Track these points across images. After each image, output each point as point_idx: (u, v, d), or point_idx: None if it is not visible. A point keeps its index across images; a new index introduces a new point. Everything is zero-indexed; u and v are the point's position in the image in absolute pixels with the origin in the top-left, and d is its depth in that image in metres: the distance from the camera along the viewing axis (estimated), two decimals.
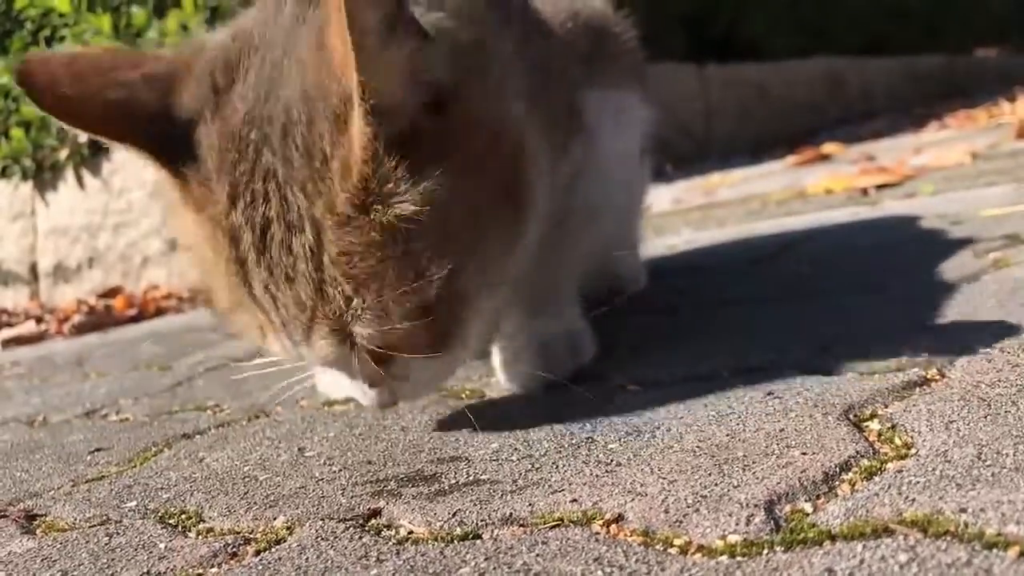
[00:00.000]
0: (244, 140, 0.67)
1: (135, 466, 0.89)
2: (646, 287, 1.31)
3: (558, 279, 0.99)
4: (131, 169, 3.30)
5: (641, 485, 0.59)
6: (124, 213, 3.33)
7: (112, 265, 3.38)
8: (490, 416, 0.82)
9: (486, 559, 0.52)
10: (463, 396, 0.92)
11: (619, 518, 0.55)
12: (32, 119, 3.33)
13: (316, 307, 0.66)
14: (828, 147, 3.58)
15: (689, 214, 2.60)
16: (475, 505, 0.61)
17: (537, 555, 0.52)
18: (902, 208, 1.82)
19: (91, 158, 3.34)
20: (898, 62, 6.04)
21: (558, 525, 0.56)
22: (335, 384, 1.01)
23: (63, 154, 3.33)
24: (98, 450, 0.98)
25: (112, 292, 3.07)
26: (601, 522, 0.55)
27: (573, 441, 0.71)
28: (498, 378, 0.92)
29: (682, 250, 1.75)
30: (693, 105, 4.40)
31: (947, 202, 1.74)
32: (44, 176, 3.41)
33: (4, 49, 3.38)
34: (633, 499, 0.57)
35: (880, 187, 2.29)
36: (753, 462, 0.60)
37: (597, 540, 0.52)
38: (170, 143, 0.70)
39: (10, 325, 2.88)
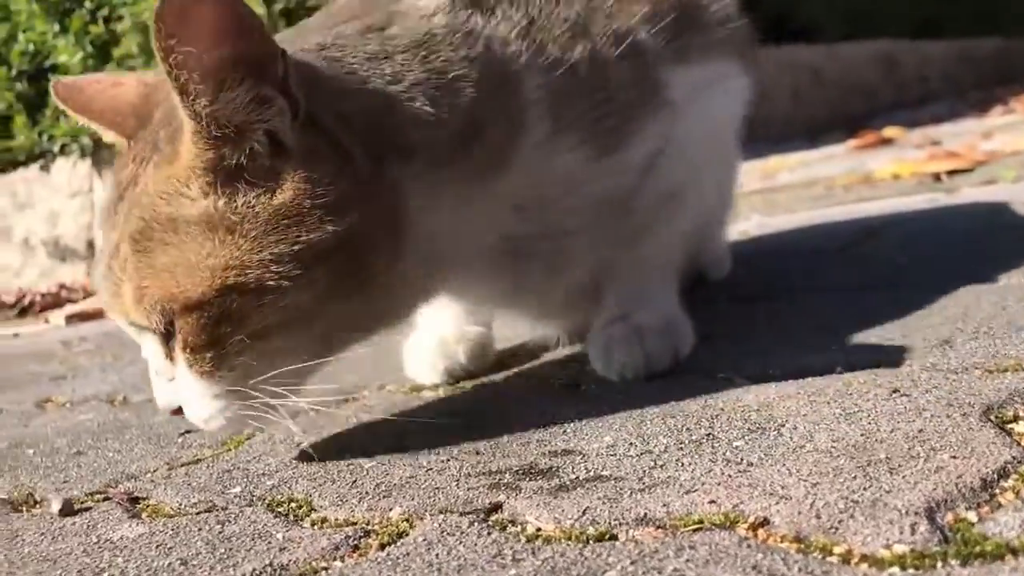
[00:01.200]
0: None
1: (229, 450, 0.88)
2: (730, 274, 1.27)
3: (650, 264, 0.96)
4: None
5: (782, 487, 0.57)
6: None
7: None
8: (592, 407, 0.80)
9: (632, 562, 0.50)
10: (556, 385, 0.90)
11: (765, 522, 0.53)
12: None
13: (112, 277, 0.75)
14: (890, 131, 3.50)
15: (751, 198, 2.54)
16: (604, 503, 0.59)
17: (687, 560, 0.49)
18: (984, 195, 1.76)
19: None
20: (953, 45, 5.89)
21: (700, 528, 0.53)
22: (424, 367, 1.00)
23: None
24: (188, 432, 0.97)
25: None
26: (746, 526, 0.53)
27: (692, 437, 0.69)
28: (593, 367, 0.90)
29: (755, 235, 1.71)
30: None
31: None
32: (102, 154, 3.44)
33: (64, 28, 3.40)
34: (777, 502, 0.55)
35: (951, 173, 2.22)
36: (899, 465, 0.57)
37: (748, 546, 0.50)
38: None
39: (71, 300, 2.91)
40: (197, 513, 0.71)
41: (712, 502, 0.56)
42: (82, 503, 0.78)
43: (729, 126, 1.05)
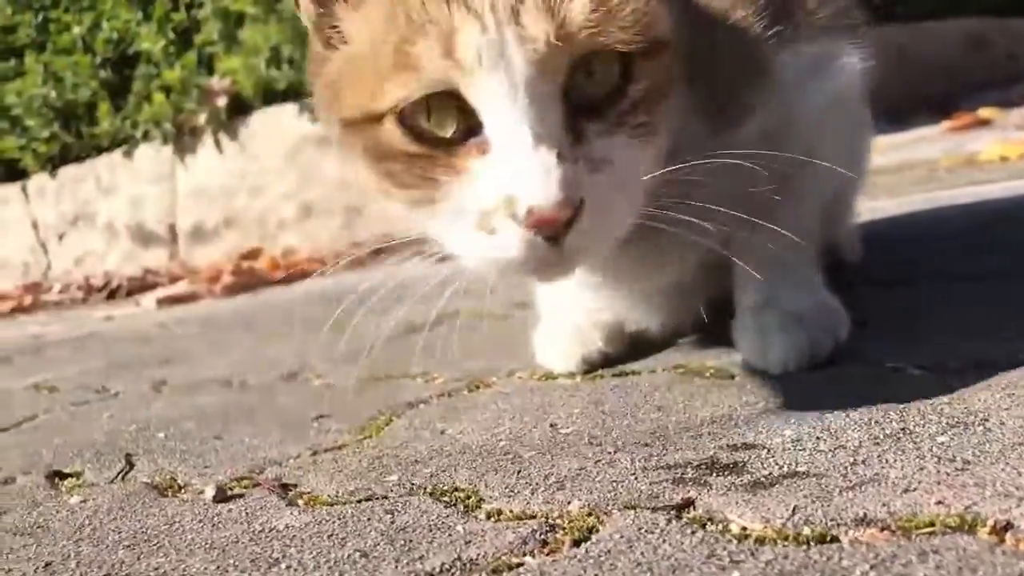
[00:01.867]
0: None
1: (370, 436, 0.87)
2: (860, 259, 1.22)
3: (786, 241, 0.91)
4: (267, 134, 3.34)
5: (1016, 488, 0.52)
6: (260, 176, 3.38)
7: (248, 227, 3.44)
8: (757, 398, 0.76)
9: (871, 567, 0.46)
10: (707, 375, 0.86)
11: (1008, 526, 0.48)
12: (173, 83, 3.39)
13: None
14: (986, 111, 3.36)
15: None
16: (812, 502, 0.55)
17: (937, 567, 0.45)
18: None
19: (229, 122, 3.39)
20: None
21: (934, 532, 0.49)
22: (558, 355, 0.97)
23: (202, 118, 3.39)
24: (320, 417, 0.96)
25: (253, 253, 3.12)
26: (987, 530, 0.49)
27: (886, 431, 0.64)
28: (744, 356, 0.86)
29: (871, 219, 1.64)
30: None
31: None
32: (183, 139, 3.48)
33: (147, 16, 3.45)
34: (1018, 504, 0.50)
35: None
36: None
37: (1003, 553, 0.46)
38: None
39: (157, 284, 2.96)
40: (358, 502, 0.69)
41: (940, 503, 0.52)
42: (231, 489, 0.77)
43: (847, 102, 1.00)
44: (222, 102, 3.34)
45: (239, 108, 3.39)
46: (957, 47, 4.98)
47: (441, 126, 0.62)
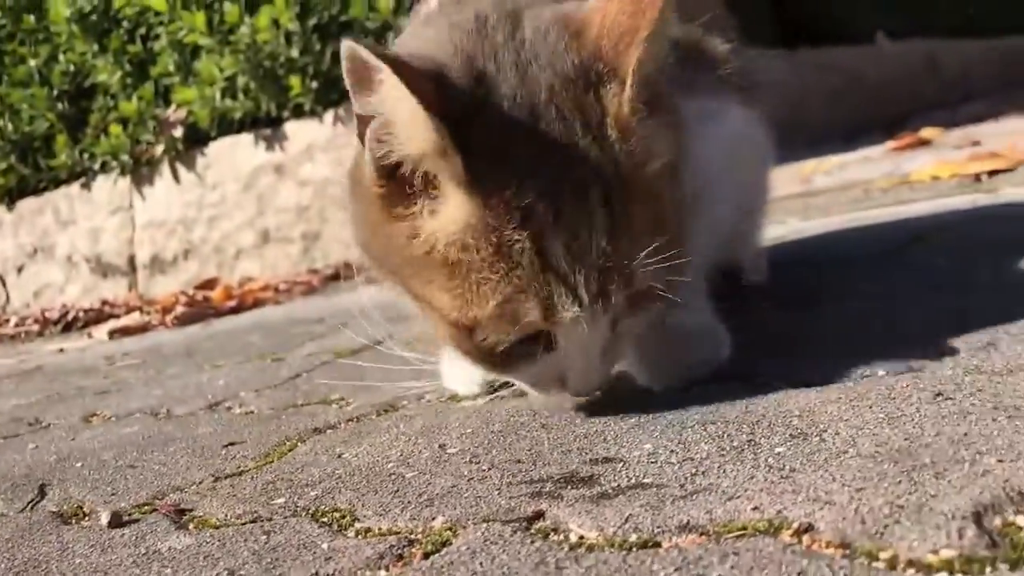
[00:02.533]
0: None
1: (273, 461, 0.90)
2: (770, 280, 1.27)
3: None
4: (224, 163, 3.37)
5: (826, 493, 0.56)
6: (218, 206, 3.41)
7: (207, 257, 3.46)
8: (633, 415, 0.80)
9: (676, 569, 0.50)
10: (597, 393, 0.90)
11: (809, 528, 0.53)
12: (130, 115, 3.42)
13: (610, 257, 0.71)
14: (927, 131, 3.45)
15: (788, 203, 2.53)
16: (646, 511, 0.59)
17: (731, 567, 0.49)
18: None
19: (186, 153, 3.42)
20: (994, 43, 5.80)
21: (743, 535, 0.53)
22: (462, 378, 1.00)
23: (159, 149, 3.41)
24: (231, 444, 0.99)
25: (209, 283, 3.14)
26: (790, 532, 0.53)
27: (734, 444, 0.68)
28: (634, 375, 0.90)
29: (793, 240, 1.70)
30: (785, 91, 4.28)
31: None
32: (141, 171, 3.51)
33: (103, 48, 3.47)
34: (821, 508, 0.54)
35: (992, 173, 2.19)
36: (944, 470, 0.56)
37: (793, 552, 0.50)
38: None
39: (113, 316, 2.97)
40: (242, 524, 0.72)
41: (755, 508, 0.56)
42: (130, 515, 0.80)
43: (741, 146, 1.07)
44: (178, 133, 3.37)
45: (195, 138, 3.42)
46: (911, 69, 5.10)
47: (523, 346, 0.76)
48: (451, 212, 0.73)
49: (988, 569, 0.45)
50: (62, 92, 3.64)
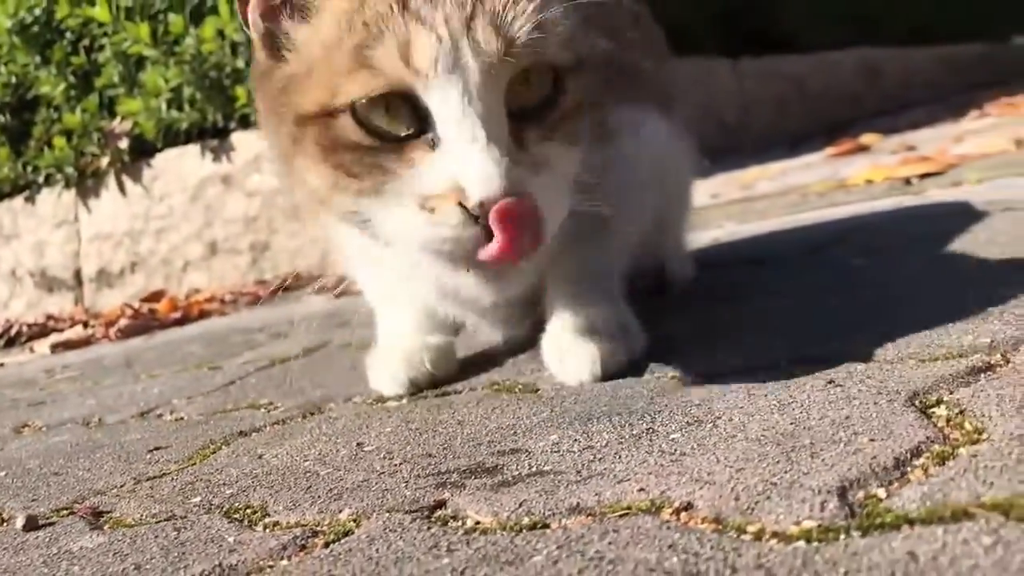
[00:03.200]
0: None
1: (195, 463, 0.90)
2: (696, 279, 1.30)
3: (601, 269, 0.99)
4: (171, 175, 3.35)
5: (708, 474, 0.59)
6: (165, 218, 3.38)
7: (154, 269, 3.43)
8: (546, 408, 0.82)
9: (558, 547, 0.52)
10: (516, 391, 0.93)
11: (688, 506, 0.55)
12: (75, 127, 3.38)
13: (477, 6, 0.67)
14: (866, 138, 3.54)
15: (729, 208, 2.58)
16: (540, 496, 0.61)
17: (609, 543, 0.52)
18: (949, 197, 1.79)
19: (132, 165, 3.39)
20: (937, 51, 5.96)
21: (627, 514, 0.56)
22: (387, 379, 1.02)
23: (104, 161, 3.38)
24: (156, 449, 0.99)
25: (155, 296, 3.11)
26: (670, 511, 0.55)
27: (634, 432, 0.71)
28: (550, 371, 0.92)
29: (726, 242, 1.74)
30: (728, 99, 4.37)
31: (995, 189, 1.71)
32: (86, 183, 3.47)
33: (46, 59, 3.44)
34: (701, 487, 0.57)
35: (923, 176, 2.26)
36: (821, 449, 0.59)
37: (668, 528, 0.52)
38: None
39: (57, 330, 2.93)
40: (156, 523, 0.73)
41: (641, 490, 0.58)
42: (47, 519, 0.80)
43: (659, 155, 1.10)
44: (124, 144, 3.34)
45: (141, 150, 3.39)
46: (855, 76, 5.23)
47: (393, 124, 0.69)
48: (327, 7, 0.73)
49: (842, 536, 0.48)
50: (4, 104, 3.59)
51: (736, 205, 2.59)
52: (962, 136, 3.06)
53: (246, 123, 3.16)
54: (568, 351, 0.90)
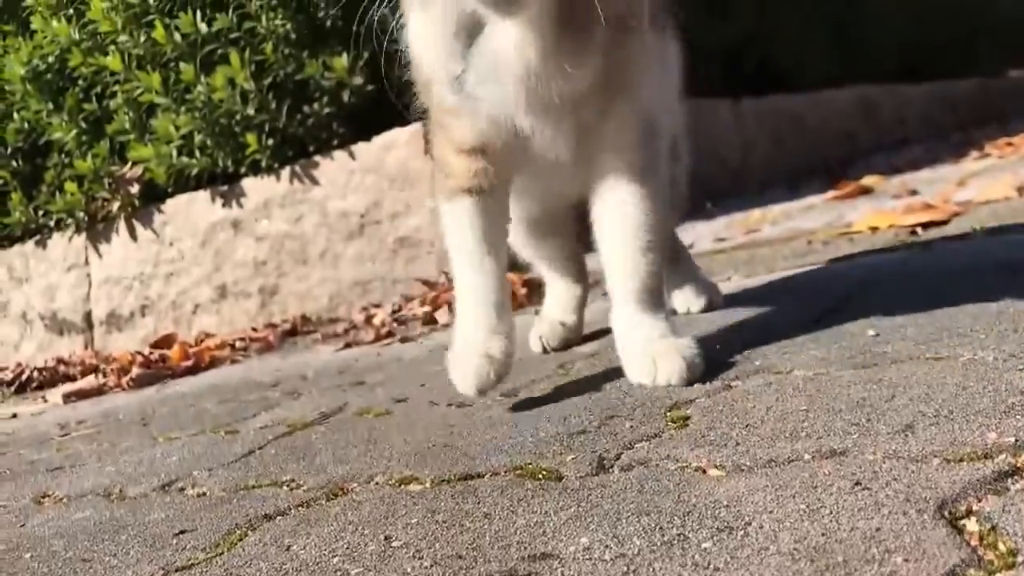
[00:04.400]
0: None
1: (222, 552, 0.91)
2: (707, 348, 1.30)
3: (659, 271, 1.19)
4: (181, 220, 3.38)
5: None
6: (175, 262, 3.40)
7: (164, 313, 3.45)
8: (572, 503, 0.83)
9: None
10: (540, 477, 0.93)
11: None
12: (86, 172, 3.41)
13: None
14: (868, 179, 3.57)
15: (735, 254, 2.60)
16: None
17: None
18: (958, 253, 1.80)
19: (142, 209, 3.42)
20: (932, 87, 6.01)
21: None
22: (461, 381, 1.18)
23: (115, 206, 3.41)
24: (182, 532, 1.00)
25: (166, 340, 3.13)
26: None
27: (665, 538, 0.72)
28: (633, 375, 1.15)
29: (733, 294, 1.75)
30: (729, 139, 4.40)
31: (1007, 247, 1.72)
32: (97, 227, 3.50)
33: (59, 106, 3.47)
34: None
35: (927, 225, 2.27)
36: (855, 569, 0.60)
37: None
38: None
39: (68, 377, 2.94)
40: None
41: None
42: None
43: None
44: (135, 190, 3.37)
45: (152, 195, 3.42)
46: (850, 113, 5.27)
47: None
48: None
49: None
50: (16, 150, 3.63)
51: (742, 251, 2.61)
52: (964, 180, 3.08)
53: (257, 169, 3.19)
54: (662, 356, 1.09)
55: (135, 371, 2.38)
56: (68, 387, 2.38)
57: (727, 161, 4.37)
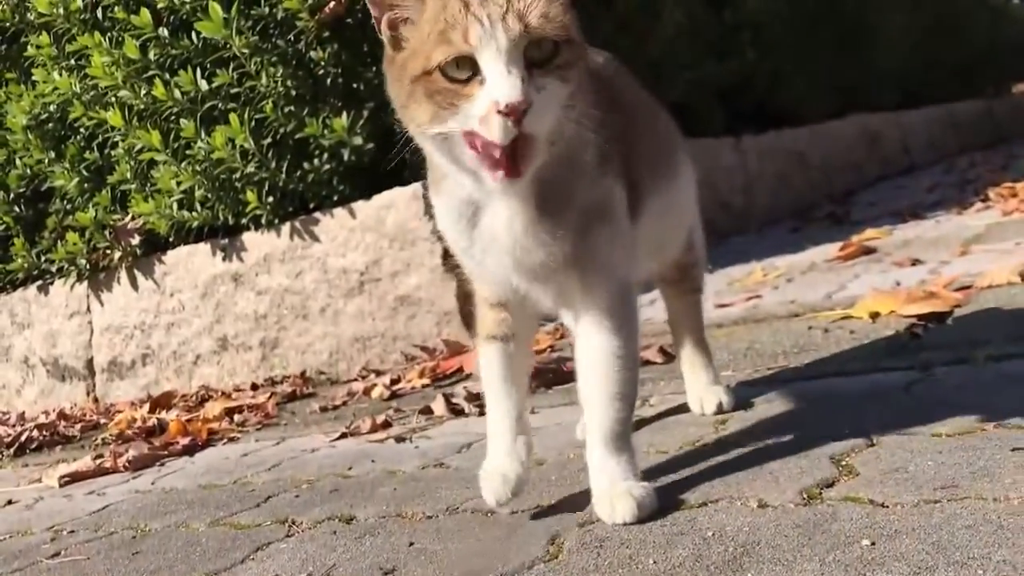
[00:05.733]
0: None
1: None
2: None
3: (629, 416, 1.37)
4: (183, 271, 3.39)
5: None
6: (176, 313, 3.42)
7: (165, 363, 3.47)
8: None
9: None
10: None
11: None
12: (87, 224, 3.42)
13: (509, 6, 1.12)
14: (871, 233, 3.57)
15: (734, 331, 2.60)
16: None
17: None
18: (961, 392, 1.70)
19: (143, 260, 3.43)
20: (936, 111, 5.98)
21: None
22: (487, 496, 1.38)
23: (116, 255, 3.42)
24: None
25: (165, 398, 3.15)
26: None
27: None
28: (599, 513, 1.29)
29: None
30: (732, 178, 4.40)
31: (1008, 382, 1.67)
32: (98, 276, 3.51)
33: (60, 155, 3.48)
34: None
35: (929, 318, 2.27)
36: None
37: None
38: None
39: (68, 438, 2.97)
40: None
41: None
42: None
43: None
44: (136, 241, 3.39)
45: (153, 245, 3.44)
46: (854, 144, 5.25)
47: (459, 72, 1.12)
48: (425, 16, 1.17)
49: None
50: (19, 195, 3.65)
51: (742, 328, 2.61)
52: (967, 246, 3.08)
53: (257, 224, 3.19)
54: (618, 498, 1.27)
55: (131, 454, 2.40)
56: (64, 469, 2.39)
57: (730, 204, 4.36)
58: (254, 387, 3.19)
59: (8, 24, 3.48)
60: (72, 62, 3.29)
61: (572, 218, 1.26)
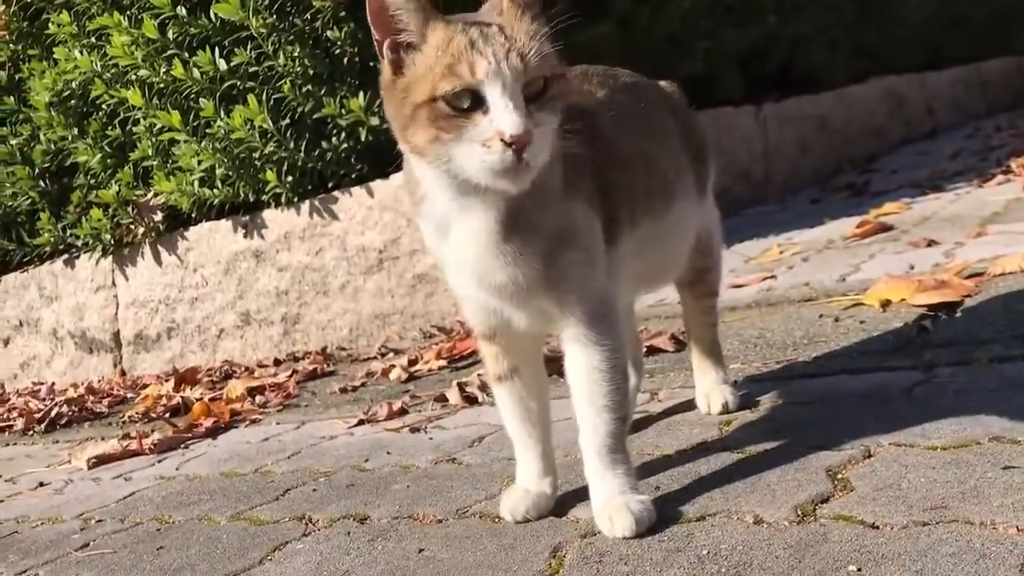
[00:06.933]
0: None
1: None
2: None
3: (623, 431, 1.41)
4: (205, 247, 3.45)
5: None
6: (199, 288, 3.49)
7: (190, 336, 3.56)
8: None
9: None
10: None
11: None
12: (110, 200, 3.48)
13: (510, 46, 1.20)
14: (888, 208, 3.55)
15: (747, 315, 2.62)
16: None
17: None
18: (962, 398, 1.73)
19: (167, 235, 3.50)
20: (962, 71, 5.87)
21: None
22: (506, 515, 1.45)
23: (140, 231, 3.49)
24: None
25: (189, 374, 3.24)
26: None
27: None
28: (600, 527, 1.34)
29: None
30: (752, 146, 4.37)
31: (1009, 387, 1.69)
32: (123, 251, 3.58)
33: (83, 131, 3.53)
34: None
35: (940, 308, 2.28)
36: None
37: None
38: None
39: (97, 414, 3.07)
40: None
41: None
42: None
43: None
44: (158, 217, 3.45)
45: (176, 221, 3.50)
46: (877, 107, 5.18)
47: (464, 102, 1.19)
48: (428, 45, 1.22)
49: None
50: (44, 170, 3.71)
51: (755, 313, 2.63)
52: (984, 226, 3.06)
53: (277, 201, 3.24)
54: (616, 512, 1.31)
55: (156, 436, 2.49)
56: (92, 449, 2.49)
57: (750, 173, 4.34)
58: (276, 362, 3.27)
59: (30, 1, 3.50)
60: (92, 40, 3.32)
61: (539, 242, 1.31)
